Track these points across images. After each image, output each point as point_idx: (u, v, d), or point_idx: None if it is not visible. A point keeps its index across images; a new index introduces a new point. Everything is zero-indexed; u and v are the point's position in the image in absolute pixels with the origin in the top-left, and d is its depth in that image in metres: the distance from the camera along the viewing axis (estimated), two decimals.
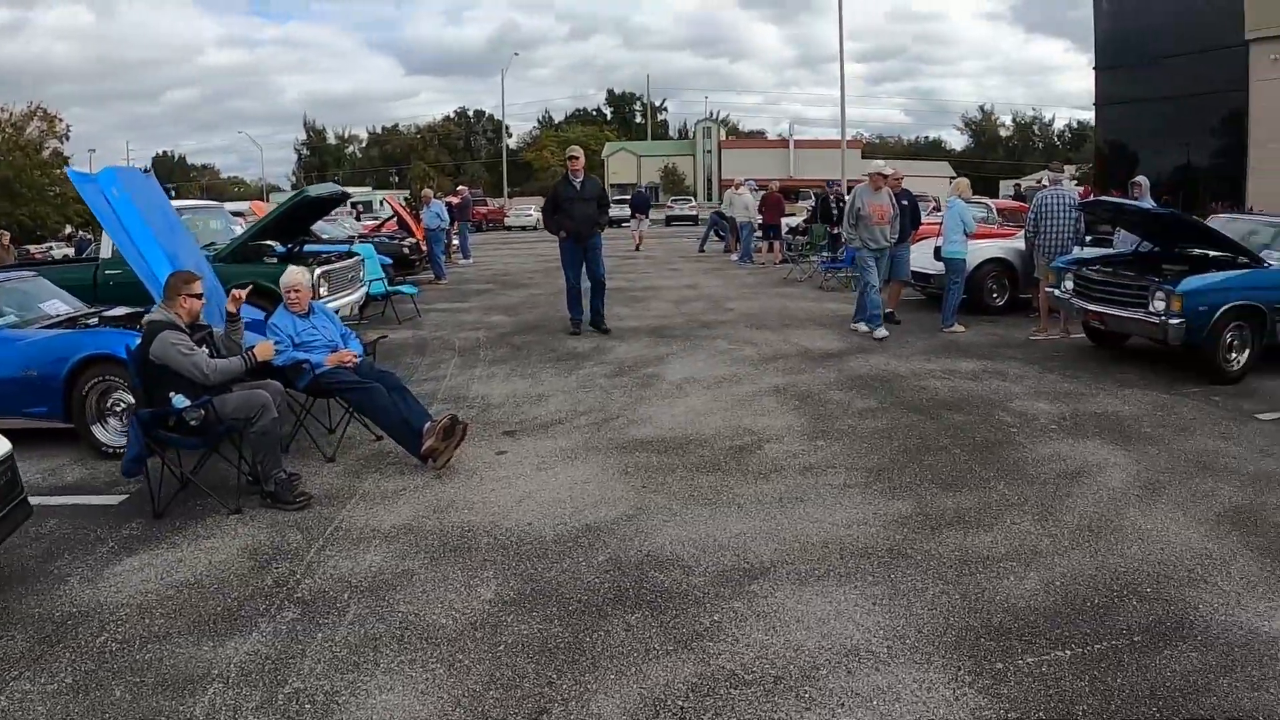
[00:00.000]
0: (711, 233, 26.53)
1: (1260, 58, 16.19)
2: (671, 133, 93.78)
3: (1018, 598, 4.08)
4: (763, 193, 21.99)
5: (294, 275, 6.44)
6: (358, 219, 28.02)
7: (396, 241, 17.88)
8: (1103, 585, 4.19)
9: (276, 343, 6.01)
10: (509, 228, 46.21)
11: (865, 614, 3.91)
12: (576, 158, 10.69)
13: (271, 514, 5.21)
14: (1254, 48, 16.35)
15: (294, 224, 10.86)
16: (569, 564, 4.39)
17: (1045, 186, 11.48)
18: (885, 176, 10.51)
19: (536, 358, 9.71)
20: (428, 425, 5.66)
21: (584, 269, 10.69)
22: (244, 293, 5.95)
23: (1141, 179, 11.77)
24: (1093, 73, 25.72)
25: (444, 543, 4.69)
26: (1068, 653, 3.61)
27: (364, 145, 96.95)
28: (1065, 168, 15.74)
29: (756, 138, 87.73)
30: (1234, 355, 8.29)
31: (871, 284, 10.45)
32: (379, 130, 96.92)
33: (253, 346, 5.72)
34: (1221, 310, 8.03)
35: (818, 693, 3.36)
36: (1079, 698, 3.30)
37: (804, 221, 21.89)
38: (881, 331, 10.37)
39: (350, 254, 11.50)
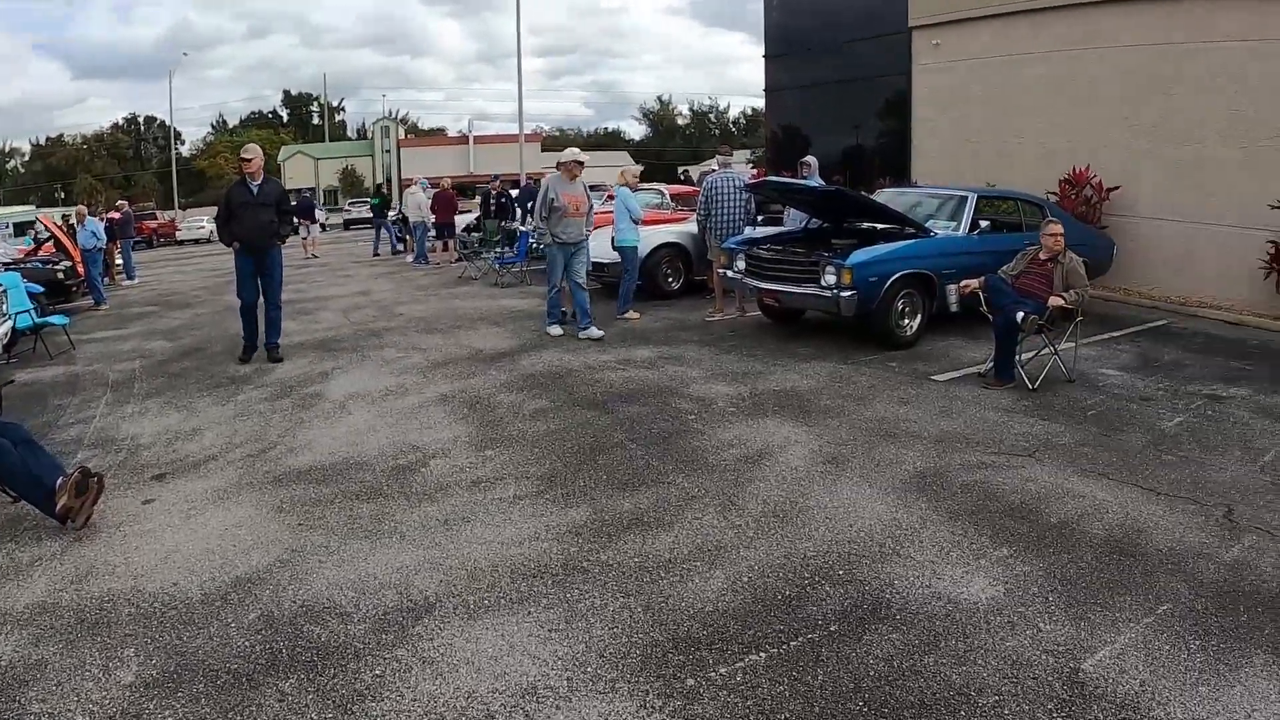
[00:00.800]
0: (390, 233, 28.07)
1: (922, 43, 19.05)
2: (350, 133, 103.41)
3: (705, 601, 4.25)
4: (435, 190, 23.28)
5: None
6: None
7: (50, 266, 18.10)
8: (793, 575, 4.48)
9: None
10: (181, 242, 48.08)
11: (541, 644, 3.95)
12: (250, 158, 10.00)
13: None
14: (916, 34, 19.34)
15: None
16: (217, 628, 4.28)
17: (716, 170, 12.51)
18: (581, 165, 10.92)
19: (195, 386, 9.43)
20: (60, 481, 5.51)
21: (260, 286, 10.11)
22: None
23: (810, 159, 13.25)
24: (763, 61, 28.62)
25: (81, 620, 4.45)
26: (763, 655, 3.78)
27: (26, 159, 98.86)
28: (736, 152, 17.08)
29: (437, 135, 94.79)
30: (906, 322, 9.70)
31: (553, 284, 10.82)
32: (43, 142, 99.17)
33: None
34: (891, 280, 9.33)
35: None
36: (780, 704, 3.45)
37: (475, 219, 23.74)
38: (556, 329, 10.73)
39: None
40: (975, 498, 5.47)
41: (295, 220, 25.78)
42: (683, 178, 44.55)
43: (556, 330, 10.78)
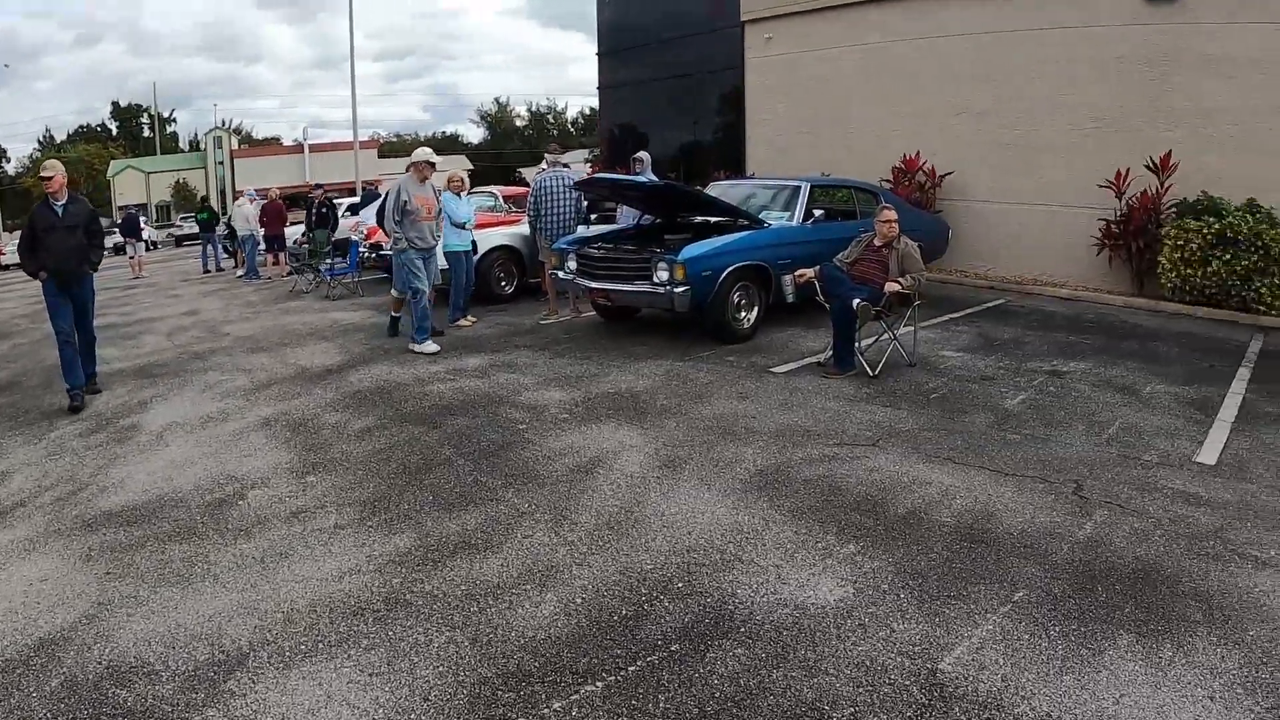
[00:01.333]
0: (215, 249, 27.30)
1: (755, 37, 19.38)
2: (183, 145, 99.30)
3: (536, 628, 3.96)
4: (263, 202, 22.79)
5: None
6: None
7: None
8: (630, 592, 4.22)
9: None
10: (6, 267, 46.32)
11: (361, 691, 3.65)
12: (51, 176, 9.13)
13: None
14: (749, 28, 19.77)
15: None
16: (19, 699, 3.91)
17: (545, 169, 12.36)
18: (432, 165, 10.54)
19: (6, 425, 8.74)
20: None
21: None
22: None
23: (642, 155, 13.13)
24: (596, 59, 28.83)
25: None
26: (599, 685, 3.52)
27: None
28: (575, 151, 16.95)
29: (271, 145, 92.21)
30: (743, 315, 9.69)
31: (421, 290, 10.32)
32: None
33: None
34: (725, 273, 9.28)
35: None
36: None
37: (304, 231, 23.13)
38: (431, 346, 10.22)
39: None
40: (819, 493, 5.32)
41: (123, 239, 24.97)
42: (516, 179, 44.48)
43: (432, 347, 10.26)
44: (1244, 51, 12.49)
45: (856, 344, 8.07)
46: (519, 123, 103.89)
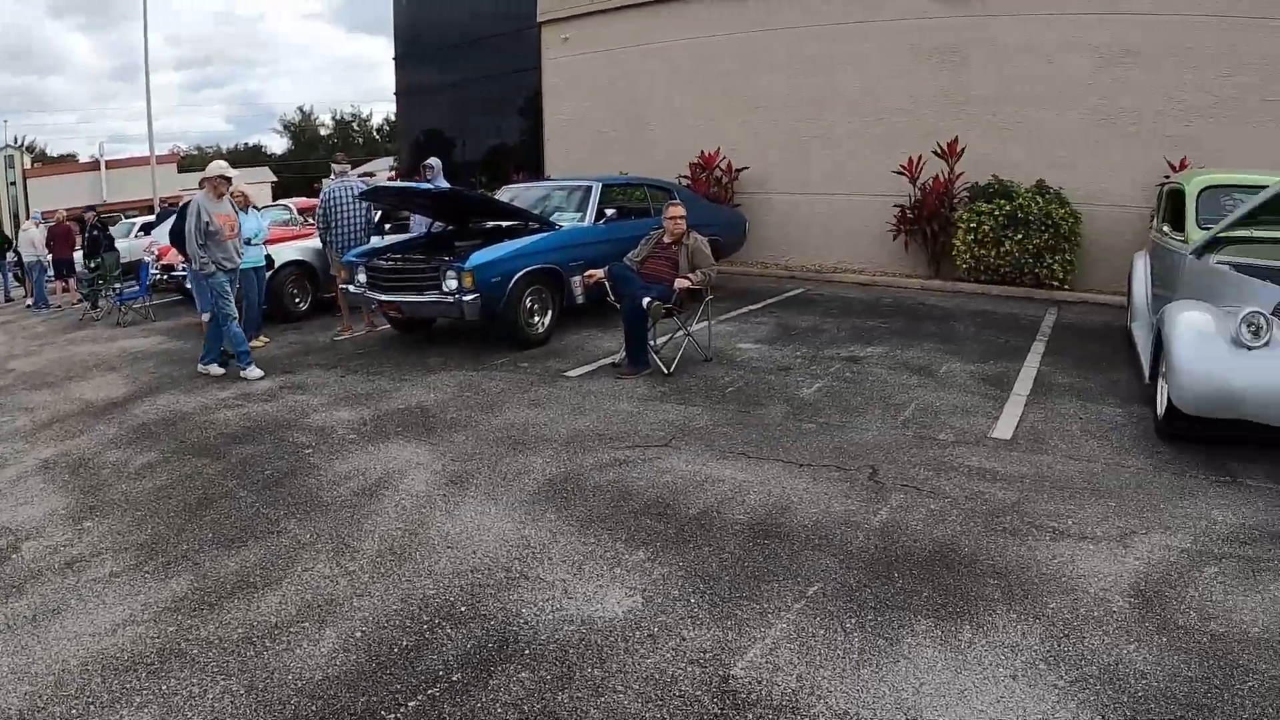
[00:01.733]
0: (4, 278, 25.71)
1: (552, 37, 19.39)
2: None
3: (314, 669, 3.68)
4: (50, 225, 21.75)
5: None
6: None
7: None
8: (412, 621, 3.97)
9: None
10: None
11: None
12: None
13: None
14: (546, 29, 19.94)
15: None
16: None
17: (333, 180, 11.97)
18: (228, 180, 9.86)
19: None
20: None
21: None
22: None
23: (432, 161, 12.83)
24: (393, 64, 28.48)
25: None
26: None
27: None
28: (380, 159, 16.57)
29: (67, 162, 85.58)
30: (536, 320, 9.55)
31: (231, 314, 9.66)
32: None
33: None
34: (516, 278, 9.14)
35: None
36: None
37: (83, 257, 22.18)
38: (256, 371, 9.58)
39: None
40: (609, 499, 5.18)
41: None
42: (317, 190, 43.41)
43: (257, 373, 9.66)
44: (1028, 40, 13.21)
45: (651, 342, 8.03)
46: (323, 131, 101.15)
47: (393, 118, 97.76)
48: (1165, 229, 8.42)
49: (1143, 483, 5.39)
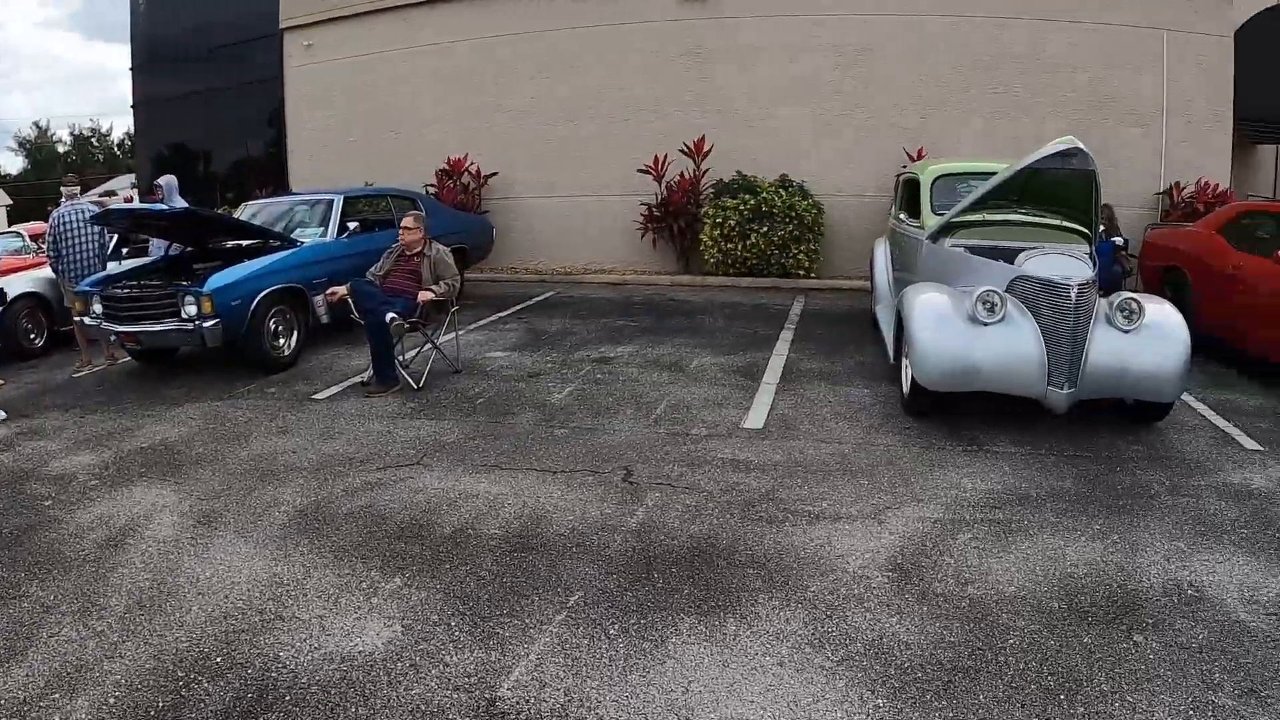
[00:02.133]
0: None
1: (294, 45, 18.71)
2: None
3: None
4: None
5: None
6: None
7: None
8: (166, 679, 3.75)
9: None
10: None
11: None
12: None
13: None
14: (288, 35, 19.27)
15: None
16: None
17: (63, 204, 11.13)
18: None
19: None
20: None
21: None
22: None
23: (164, 180, 12.14)
24: (130, 74, 26.58)
25: None
26: None
27: None
28: (123, 176, 15.53)
29: None
30: (282, 342, 9.23)
31: None
32: None
33: None
34: (257, 300, 8.81)
35: None
36: None
37: None
38: None
39: None
40: (362, 526, 5.08)
41: None
42: (49, 213, 40.32)
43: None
44: (770, 40, 13.83)
45: (400, 357, 7.93)
46: (61, 148, 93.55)
47: (133, 132, 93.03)
48: (903, 216, 8.97)
49: (893, 459, 5.72)
